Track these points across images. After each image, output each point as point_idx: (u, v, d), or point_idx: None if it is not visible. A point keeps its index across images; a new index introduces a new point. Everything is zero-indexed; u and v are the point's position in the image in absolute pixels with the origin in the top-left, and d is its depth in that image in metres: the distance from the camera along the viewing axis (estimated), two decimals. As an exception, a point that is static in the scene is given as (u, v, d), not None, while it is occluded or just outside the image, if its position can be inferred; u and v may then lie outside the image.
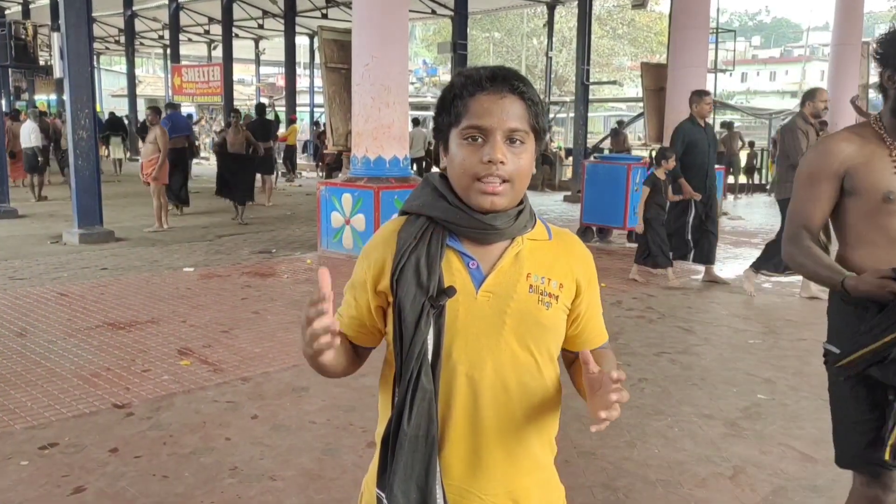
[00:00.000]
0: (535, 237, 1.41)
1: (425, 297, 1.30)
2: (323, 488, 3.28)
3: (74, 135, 9.62)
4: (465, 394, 1.34)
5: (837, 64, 16.54)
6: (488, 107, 1.32)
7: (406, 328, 1.30)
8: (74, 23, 9.49)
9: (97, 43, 30.62)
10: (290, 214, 12.86)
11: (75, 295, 6.74)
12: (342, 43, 9.77)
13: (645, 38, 43.35)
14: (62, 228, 10.22)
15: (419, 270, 1.32)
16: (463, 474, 1.35)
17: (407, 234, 1.36)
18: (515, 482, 1.37)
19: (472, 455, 1.35)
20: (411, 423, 1.28)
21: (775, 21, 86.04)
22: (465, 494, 1.36)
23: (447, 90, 1.38)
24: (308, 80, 30.79)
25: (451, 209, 1.35)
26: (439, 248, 1.34)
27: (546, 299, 1.37)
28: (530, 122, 1.34)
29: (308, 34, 26.85)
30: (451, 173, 1.37)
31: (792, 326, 6.03)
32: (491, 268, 1.36)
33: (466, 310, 1.34)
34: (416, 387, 1.29)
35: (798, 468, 3.54)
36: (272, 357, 5.06)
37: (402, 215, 1.43)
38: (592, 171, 10.30)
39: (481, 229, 1.34)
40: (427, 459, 1.29)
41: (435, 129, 1.42)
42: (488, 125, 1.31)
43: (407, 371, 1.30)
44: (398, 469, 1.29)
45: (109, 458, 3.52)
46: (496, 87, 1.33)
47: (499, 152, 1.30)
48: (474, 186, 1.32)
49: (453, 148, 1.35)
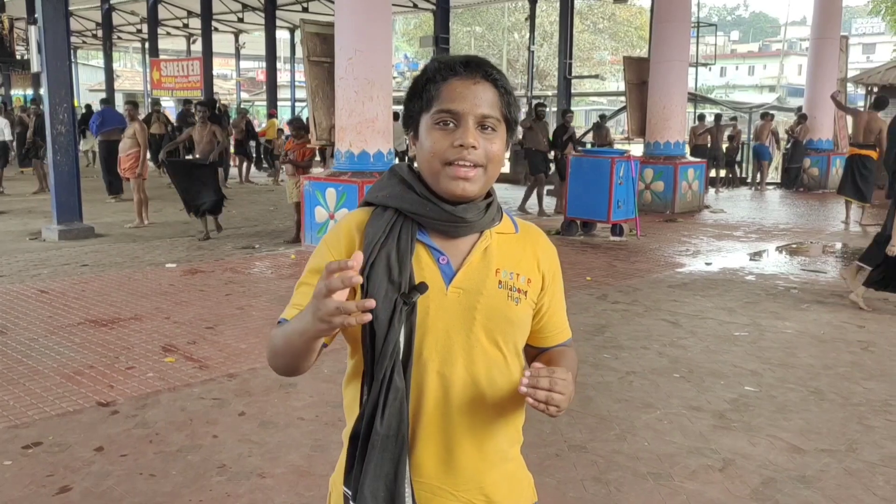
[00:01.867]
0: (502, 231, 1.39)
1: (397, 293, 1.27)
2: (312, 485, 3.26)
3: (53, 129, 9.48)
4: (436, 391, 1.31)
5: (816, 58, 16.68)
6: (461, 91, 1.30)
7: (379, 326, 1.26)
8: (52, 16, 9.35)
9: (74, 37, 30.18)
10: (273, 210, 12.77)
11: (56, 292, 6.65)
12: (325, 36, 9.70)
13: (625, 33, 43.47)
14: (41, 225, 10.08)
15: (390, 266, 1.28)
16: (434, 471, 1.33)
17: (375, 228, 1.31)
18: (485, 476, 1.36)
19: (444, 452, 1.33)
20: (384, 423, 1.25)
21: (753, 16, 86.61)
22: (437, 492, 1.34)
23: (419, 76, 1.35)
24: (289, 74, 30.60)
25: (421, 201, 1.32)
26: (409, 242, 1.31)
27: (515, 295, 1.35)
28: (502, 110, 1.32)
29: (289, 28, 26.67)
30: (420, 160, 1.34)
31: (776, 318, 6.07)
32: (460, 263, 1.34)
33: (437, 306, 1.31)
34: (390, 386, 1.26)
35: (787, 459, 3.56)
36: (258, 353, 5.01)
37: (366, 206, 1.39)
38: (577, 165, 10.30)
39: (451, 222, 1.32)
40: (396, 459, 1.27)
41: (405, 117, 1.39)
42: (461, 109, 1.29)
43: (380, 370, 1.26)
44: (368, 469, 1.26)
45: (95, 457, 3.47)
46: (469, 73, 1.31)
47: (471, 136, 1.28)
48: (445, 171, 1.29)
49: (423, 133, 1.33)
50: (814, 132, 16.61)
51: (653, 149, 13.10)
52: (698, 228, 11.11)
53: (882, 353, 5.25)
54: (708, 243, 9.77)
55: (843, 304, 6.49)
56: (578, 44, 34.43)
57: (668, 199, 12.72)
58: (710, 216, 12.54)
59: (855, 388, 4.51)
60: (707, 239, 10.12)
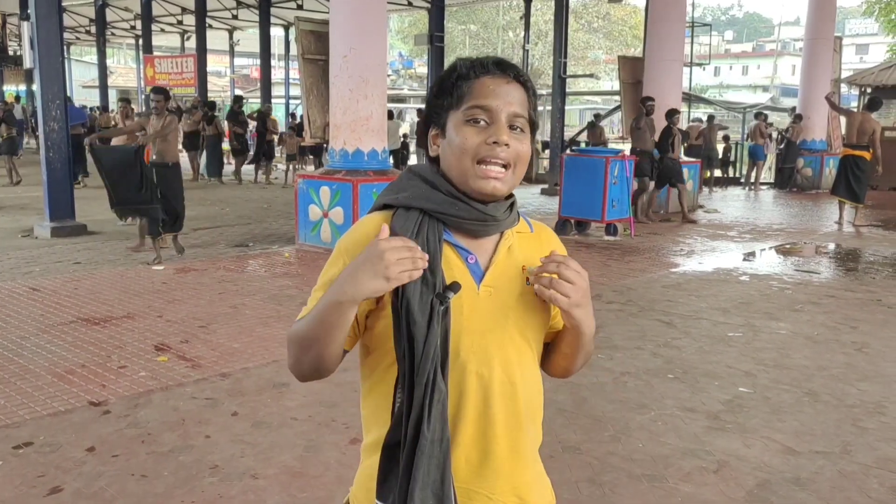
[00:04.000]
0: (520, 230, 1.40)
1: (432, 294, 1.25)
2: (306, 486, 3.24)
3: (45, 126, 9.42)
4: (476, 393, 1.30)
5: (810, 59, 16.72)
6: (494, 88, 1.30)
7: (418, 329, 1.23)
8: (45, 12, 9.28)
9: (68, 33, 30.09)
10: (266, 207, 12.74)
11: (48, 290, 6.61)
12: (319, 34, 9.68)
13: (620, 32, 43.52)
14: (33, 222, 10.02)
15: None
16: (469, 475, 1.31)
17: (402, 230, 1.29)
18: (519, 478, 1.35)
19: (481, 454, 1.31)
20: (430, 428, 1.22)
21: (747, 16, 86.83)
22: (472, 496, 1.32)
23: (448, 73, 1.35)
24: (283, 71, 30.51)
25: (450, 200, 1.31)
26: (437, 242, 1.29)
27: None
28: (530, 112, 1.33)
29: (283, 25, 26.58)
30: (447, 158, 1.32)
31: (771, 319, 6.07)
32: (488, 262, 1.33)
33: (470, 306, 1.30)
34: (434, 389, 1.23)
35: (781, 461, 3.56)
36: (252, 352, 4.99)
37: (384, 209, 1.36)
38: (571, 164, 10.29)
39: (482, 221, 1.31)
40: (442, 464, 1.24)
41: (429, 114, 1.37)
42: (494, 106, 1.29)
43: (423, 374, 1.23)
44: (417, 476, 1.22)
45: (86, 458, 3.45)
46: (502, 71, 1.32)
47: (504, 133, 1.28)
48: (475, 170, 1.29)
49: (452, 131, 1.32)
50: (807, 132, 16.65)
51: (647, 148, 13.09)
52: (692, 228, 11.12)
53: (876, 354, 5.26)
54: (702, 243, 9.77)
55: (838, 305, 6.50)
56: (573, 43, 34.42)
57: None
58: (705, 216, 12.55)
59: (849, 390, 4.51)
60: (701, 239, 10.13)
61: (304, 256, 8.39)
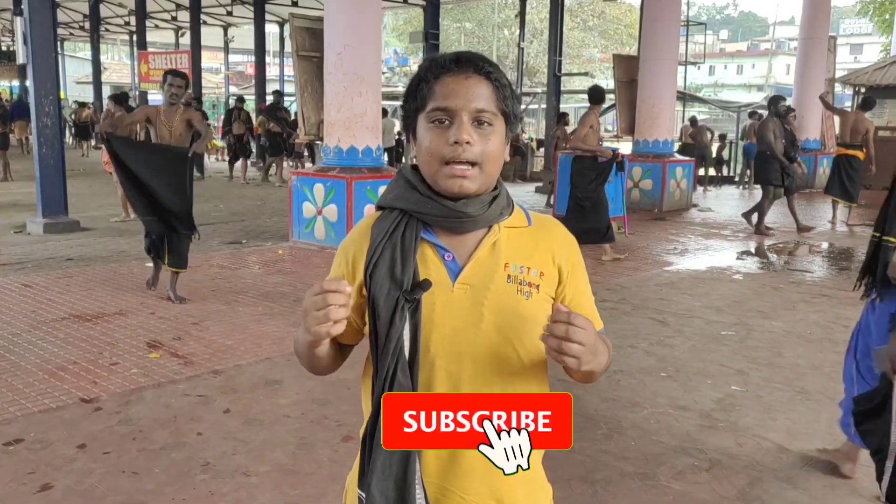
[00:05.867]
0: (513, 224, 1.38)
1: (399, 291, 1.28)
2: (298, 483, 3.23)
3: (39, 122, 9.38)
4: (445, 390, 1.30)
5: (804, 58, 16.73)
6: (453, 87, 1.30)
7: (381, 324, 1.28)
8: (38, 7, 9.23)
9: (61, 28, 29.94)
10: (260, 204, 12.71)
11: (40, 286, 6.58)
12: (314, 31, 9.65)
13: (615, 31, 43.50)
14: (26, 217, 9.98)
15: (393, 264, 1.29)
16: (441, 472, 1.32)
17: (380, 229, 1.34)
18: (498, 481, 1.32)
19: (450, 452, 1.30)
20: None
21: (742, 15, 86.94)
22: (445, 493, 1.32)
23: (414, 76, 1.36)
24: (278, 68, 30.43)
25: (423, 199, 1.33)
26: (413, 240, 1.31)
27: (525, 289, 1.33)
28: (498, 104, 1.32)
29: (278, 22, 26.52)
30: (419, 160, 1.34)
31: (763, 318, 6.08)
32: (467, 258, 1.33)
33: (443, 303, 1.31)
34: (393, 384, 1.25)
35: (773, 460, 3.56)
36: (244, 349, 4.98)
37: (379, 210, 1.41)
38: (565, 163, 10.27)
39: (454, 217, 1.32)
40: (405, 459, 1.25)
41: (403, 118, 1.39)
42: (453, 106, 1.29)
43: (383, 368, 1.26)
44: (375, 469, 1.26)
45: (77, 455, 3.43)
46: (461, 68, 1.31)
47: (465, 133, 1.28)
48: (442, 171, 1.29)
49: (420, 133, 1.33)
50: (801, 132, 16.66)
51: (641, 147, 13.11)
52: (686, 227, 11.14)
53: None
54: (696, 242, 9.79)
55: (830, 304, 6.52)
56: (568, 41, 34.45)
57: (656, 197, 12.74)
58: (699, 214, 12.56)
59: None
60: (695, 237, 10.14)
61: (297, 254, 8.37)
